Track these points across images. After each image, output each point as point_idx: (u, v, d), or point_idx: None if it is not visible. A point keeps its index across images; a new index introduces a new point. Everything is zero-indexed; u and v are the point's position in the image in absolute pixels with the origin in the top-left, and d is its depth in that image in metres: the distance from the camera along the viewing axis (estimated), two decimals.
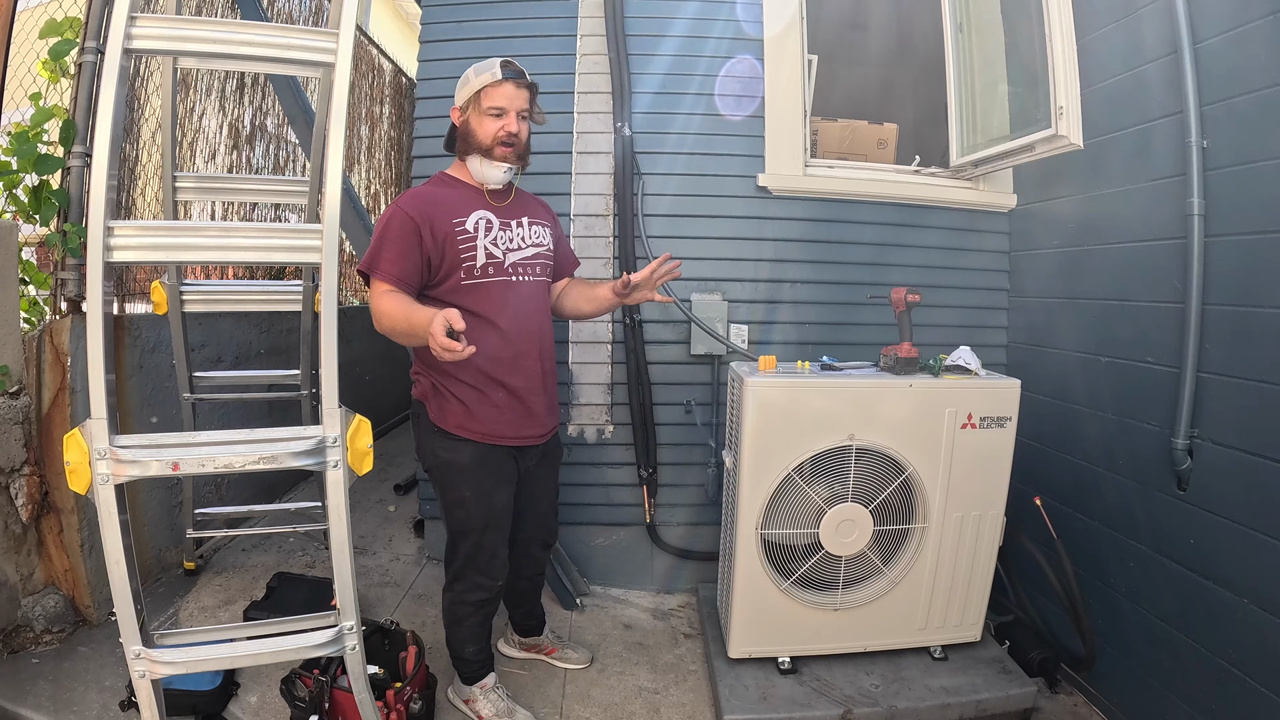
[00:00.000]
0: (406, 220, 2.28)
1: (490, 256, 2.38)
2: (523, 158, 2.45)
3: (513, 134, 2.37)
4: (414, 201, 2.34)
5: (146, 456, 1.85)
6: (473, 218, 2.37)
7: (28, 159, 2.75)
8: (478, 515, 2.46)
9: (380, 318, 2.23)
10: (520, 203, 2.55)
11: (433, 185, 2.48)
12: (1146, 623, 2.69)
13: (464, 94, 2.42)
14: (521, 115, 2.39)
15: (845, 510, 2.75)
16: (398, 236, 2.27)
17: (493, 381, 2.41)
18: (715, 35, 3.55)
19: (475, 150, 2.41)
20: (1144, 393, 2.73)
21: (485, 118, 2.37)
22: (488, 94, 2.36)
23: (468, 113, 2.41)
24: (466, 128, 2.42)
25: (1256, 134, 2.31)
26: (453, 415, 2.42)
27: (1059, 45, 2.78)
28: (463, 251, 2.34)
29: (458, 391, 2.41)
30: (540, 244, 2.53)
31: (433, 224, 2.30)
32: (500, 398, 2.43)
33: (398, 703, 2.47)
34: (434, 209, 2.33)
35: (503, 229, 2.43)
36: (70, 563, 2.92)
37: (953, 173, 3.61)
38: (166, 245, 1.92)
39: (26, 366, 2.80)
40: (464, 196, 2.43)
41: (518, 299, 2.43)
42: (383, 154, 6.53)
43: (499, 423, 2.44)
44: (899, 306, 2.87)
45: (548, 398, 2.56)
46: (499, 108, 2.36)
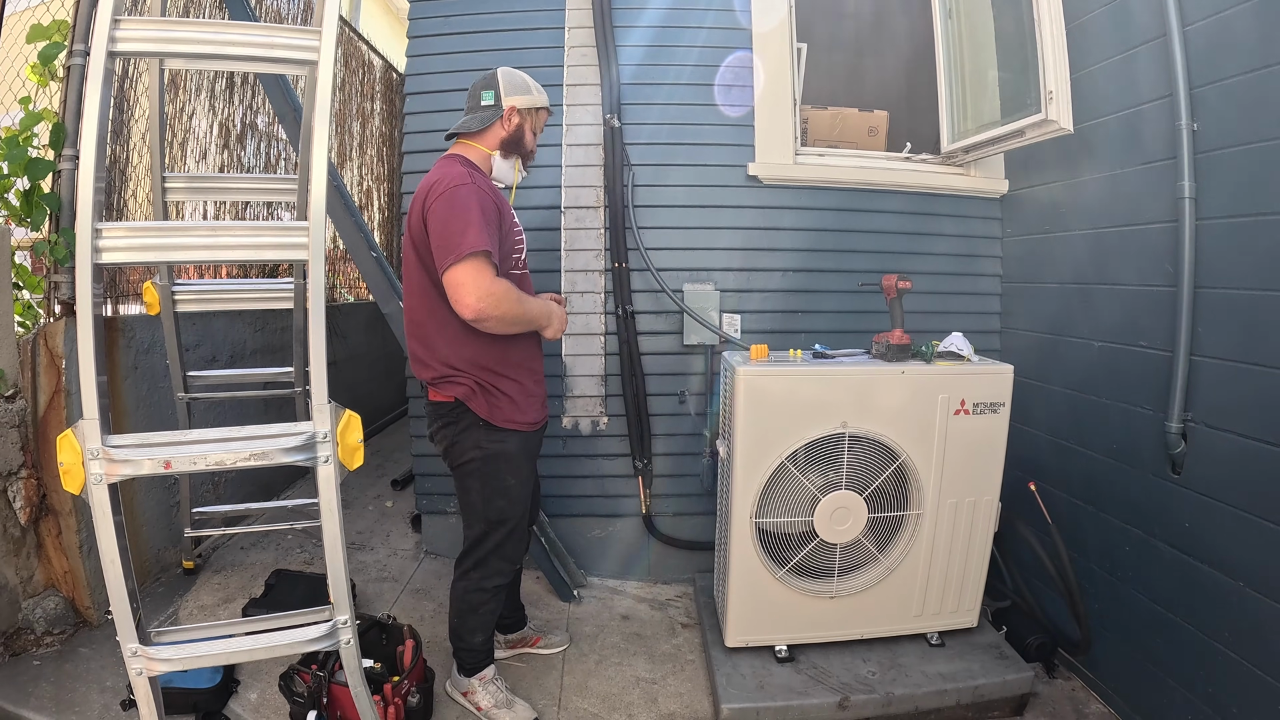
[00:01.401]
0: (490, 203, 2.30)
1: (525, 249, 2.57)
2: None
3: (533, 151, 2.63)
4: (489, 188, 2.37)
5: (139, 455, 1.86)
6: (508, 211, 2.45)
7: (18, 163, 2.74)
8: (519, 501, 2.55)
9: (506, 302, 2.26)
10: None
11: (471, 168, 2.42)
12: (1142, 606, 2.69)
13: (527, 102, 2.52)
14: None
15: (839, 498, 2.76)
16: (486, 217, 2.26)
17: (530, 371, 2.54)
18: (704, 25, 3.54)
19: (518, 153, 2.55)
20: (1137, 377, 2.73)
21: (530, 135, 2.56)
22: (540, 116, 2.60)
23: (525, 120, 2.53)
24: (521, 133, 2.53)
25: (1247, 116, 2.30)
26: (502, 409, 2.45)
27: (1048, 29, 2.78)
28: (516, 243, 2.48)
29: (506, 386, 2.46)
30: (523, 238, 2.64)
31: (502, 211, 2.38)
32: (535, 385, 2.57)
33: (395, 696, 2.48)
34: (497, 196, 2.39)
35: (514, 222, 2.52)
36: (69, 564, 2.93)
37: (944, 159, 3.61)
38: (155, 246, 1.93)
39: (21, 370, 2.81)
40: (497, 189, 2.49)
41: (527, 288, 2.57)
42: (374, 150, 6.52)
43: (537, 409, 2.57)
44: (890, 293, 2.87)
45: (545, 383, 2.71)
46: (539, 131, 2.63)
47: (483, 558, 2.57)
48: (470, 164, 2.44)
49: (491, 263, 2.22)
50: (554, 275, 3.59)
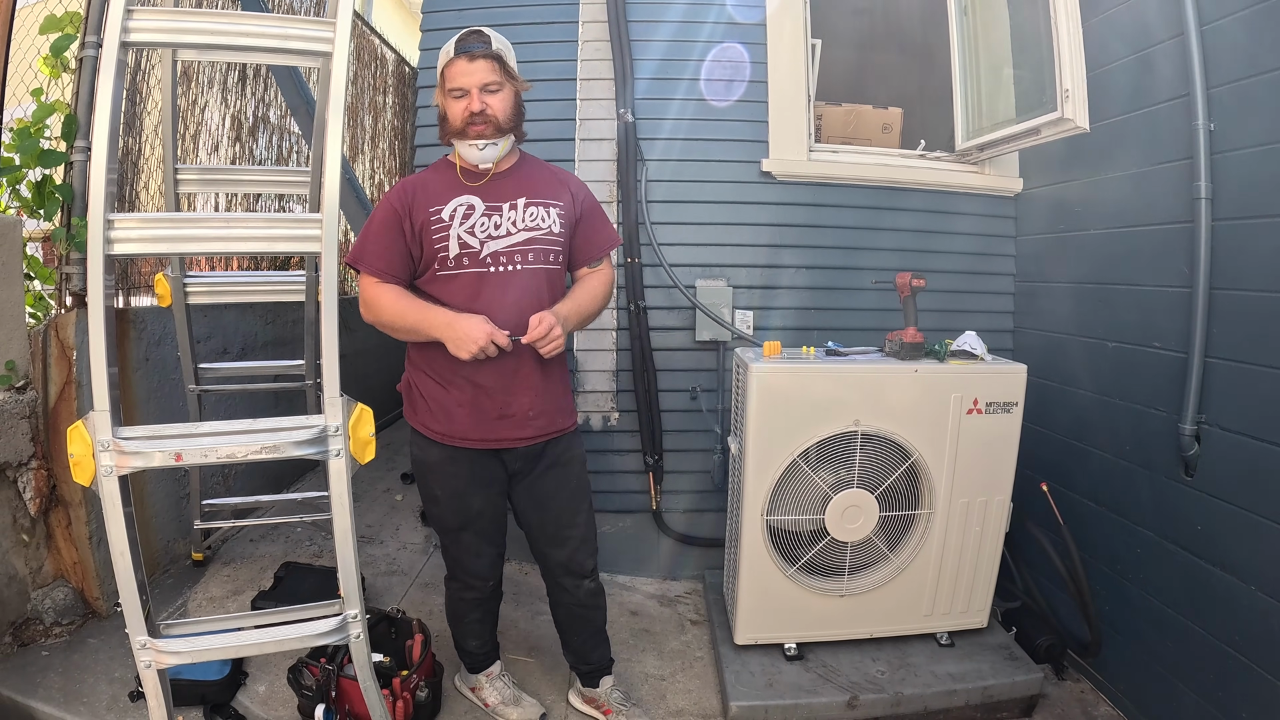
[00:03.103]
0: (389, 211, 2.21)
1: (465, 246, 2.20)
2: (504, 129, 2.22)
3: (476, 113, 2.16)
4: (399, 191, 2.25)
5: (150, 448, 1.86)
6: (451, 205, 2.20)
7: (30, 154, 2.74)
8: (451, 516, 2.40)
9: (379, 309, 2.20)
10: (521, 181, 2.31)
11: (428, 171, 2.34)
12: (1153, 609, 2.68)
13: (438, 76, 2.28)
14: (488, 89, 2.18)
15: (851, 496, 2.74)
16: (380, 228, 2.21)
17: (457, 378, 2.26)
18: (719, 20, 3.52)
19: (451, 135, 2.23)
20: (1151, 378, 2.71)
21: (450, 100, 2.21)
22: (447, 75, 2.21)
23: (440, 97, 2.26)
24: (441, 113, 2.26)
25: (1265, 117, 2.28)
26: (420, 412, 2.35)
27: (1064, 27, 2.75)
28: (437, 242, 2.19)
29: (424, 388, 2.33)
30: (536, 227, 2.27)
31: (412, 213, 2.19)
32: (464, 395, 2.26)
33: (404, 691, 2.48)
34: (416, 198, 2.21)
35: (488, 213, 2.22)
36: (79, 555, 2.93)
37: (958, 157, 3.59)
38: (167, 237, 1.93)
39: (33, 361, 2.81)
40: (452, 181, 2.26)
41: (493, 291, 2.21)
42: (386, 143, 6.52)
43: (464, 423, 2.28)
44: (904, 291, 2.86)
45: (533, 397, 2.31)
46: (458, 88, 2.18)
47: (450, 568, 2.54)
48: (445, 163, 2.33)
49: (368, 274, 2.21)
50: None
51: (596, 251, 2.44)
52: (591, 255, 2.43)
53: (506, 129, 2.22)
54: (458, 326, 2.10)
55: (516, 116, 2.25)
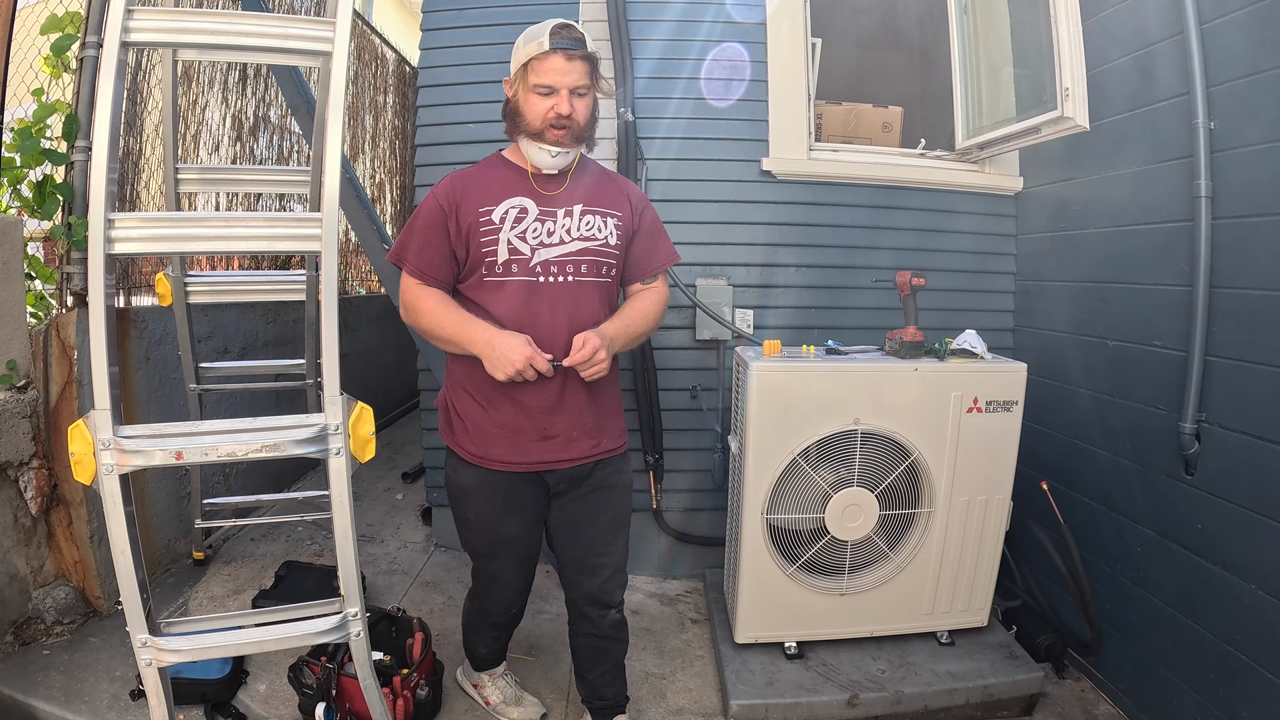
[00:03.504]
0: (435, 208, 2.07)
1: (514, 252, 2.04)
2: (582, 139, 2.08)
3: (564, 116, 2.01)
4: (447, 187, 2.10)
5: (150, 446, 1.87)
6: (503, 206, 2.05)
7: (31, 154, 2.75)
8: (482, 542, 2.30)
9: (417, 313, 2.09)
10: (579, 187, 2.17)
11: (480, 167, 2.19)
12: (1153, 608, 2.68)
13: (513, 65, 2.09)
14: (577, 92, 2.02)
15: (851, 495, 2.75)
16: (424, 225, 2.08)
17: (497, 395, 2.11)
18: (719, 20, 3.52)
19: (523, 131, 2.07)
20: (1151, 376, 2.71)
21: (533, 95, 2.02)
22: (535, 68, 2.01)
23: (516, 87, 2.08)
24: (515, 105, 2.08)
25: (1265, 115, 2.28)
26: (457, 432, 2.21)
27: (1064, 26, 2.75)
28: (484, 245, 2.04)
29: (462, 406, 2.19)
30: (592, 238, 2.12)
31: (460, 212, 2.05)
32: (505, 415, 2.12)
33: (404, 689, 2.49)
34: (466, 195, 2.07)
35: (541, 219, 2.08)
36: (80, 554, 2.94)
37: (958, 156, 3.59)
38: (168, 236, 1.93)
39: (34, 360, 2.82)
40: (506, 181, 2.12)
41: (541, 302, 2.07)
42: (387, 143, 6.53)
43: (502, 446, 2.14)
44: (904, 290, 2.86)
45: (578, 418, 2.17)
46: (547, 85, 2.00)
47: (476, 589, 2.48)
48: (499, 159, 2.19)
49: (411, 272, 2.09)
50: None
51: (652, 267, 2.30)
52: (646, 271, 2.29)
53: (583, 138, 2.09)
54: (497, 345, 1.96)
55: (593, 125, 2.12)
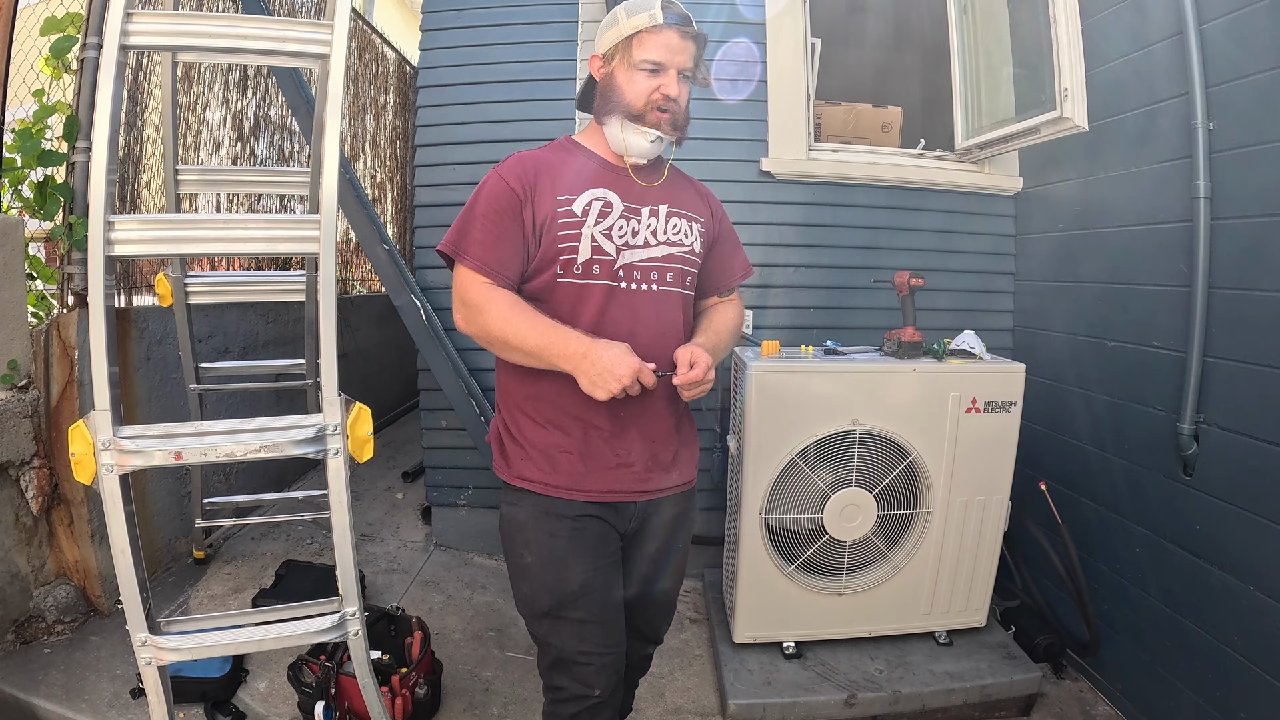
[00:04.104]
0: (504, 191, 1.75)
1: (598, 251, 1.77)
2: (679, 128, 1.84)
3: (670, 98, 1.78)
4: (518, 167, 1.79)
5: (150, 447, 1.87)
6: (585, 197, 1.78)
7: (31, 155, 2.76)
8: (544, 593, 1.82)
9: (486, 320, 1.72)
10: (665, 186, 1.93)
11: (551, 149, 1.90)
12: (1152, 608, 2.68)
13: (608, 39, 1.83)
14: (684, 74, 1.81)
15: (849, 495, 2.75)
16: (492, 212, 1.75)
17: (565, 417, 1.81)
18: (719, 19, 3.53)
19: (619, 111, 1.80)
20: (1149, 377, 2.71)
21: (637, 73, 1.78)
22: (642, 42, 1.77)
23: (613, 64, 1.82)
24: (610, 82, 1.83)
25: (1263, 116, 2.28)
26: (515, 461, 1.85)
27: (1063, 27, 2.76)
28: (562, 240, 1.75)
29: (523, 432, 1.84)
30: (679, 243, 1.88)
31: (536, 199, 1.76)
32: (573, 440, 1.81)
33: (403, 688, 2.49)
34: (541, 179, 1.78)
35: (626, 216, 1.81)
36: (81, 553, 2.95)
37: (958, 156, 3.59)
38: (167, 238, 1.94)
39: (35, 360, 2.82)
40: (585, 168, 1.85)
41: (621, 311, 1.80)
42: (387, 143, 6.54)
43: (570, 470, 1.81)
44: (902, 290, 2.87)
45: (659, 444, 1.89)
46: (655, 62, 1.77)
47: (544, 670, 1.91)
48: (570, 143, 1.92)
49: (474, 270, 1.73)
50: None
51: (730, 280, 2.09)
52: (724, 284, 2.08)
53: (680, 126, 1.85)
54: (598, 358, 1.64)
55: (688, 113, 1.88)
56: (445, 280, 3.56)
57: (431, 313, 3.51)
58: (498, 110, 3.60)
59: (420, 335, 3.47)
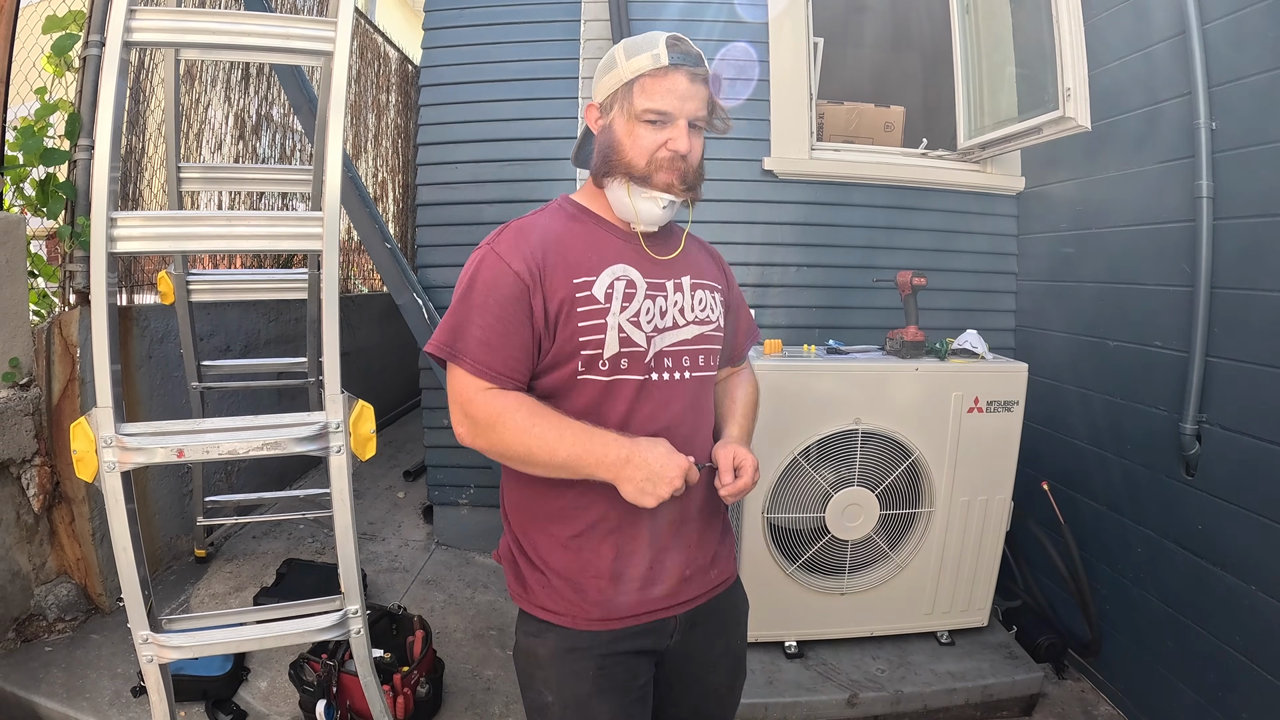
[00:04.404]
0: (506, 275, 1.43)
1: (627, 343, 1.47)
2: (693, 187, 1.54)
3: (680, 154, 1.48)
4: (519, 242, 1.47)
5: (152, 444, 1.87)
6: (605, 277, 1.48)
7: (33, 153, 2.76)
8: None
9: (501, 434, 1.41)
10: (686, 254, 1.66)
11: (552, 215, 1.58)
12: (1153, 608, 2.68)
13: (606, 85, 1.53)
14: (695, 125, 1.50)
15: (851, 494, 2.75)
16: (493, 302, 1.43)
17: (599, 535, 1.51)
18: (720, 18, 3.53)
19: (621, 172, 1.50)
20: (1152, 377, 2.71)
21: (639, 125, 1.48)
22: (645, 88, 1.47)
23: (612, 114, 1.52)
24: (610, 137, 1.51)
25: (1266, 115, 2.28)
26: (535, 589, 1.55)
27: (1066, 26, 2.75)
28: (584, 332, 1.44)
29: (545, 555, 1.54)
30: (707, 319, 1.61)
31: (546, 283, 1.44)
32: (606, 560, 1.51)
33: (405, 686, 2.49)
34: (550, 257, 1.47)
35: (652, 295, 1.52)
36: (82, 552, 2.94)
37: (960, 155, 3.58)
38: (170, 235, 1.94)
39: (36, 358, 2.82)
40: (598, 240, 1.54)
41: (656, 406, 1.52)
42: (389, 142, 6.54)
43: (602, 598, 1.51)
44: (905, 289, 2.86)
45: (693, 552, 1.60)
46: (661, 112, 1.46)
47: None
48: (573, 207, 1.60)
49: (477, 373, 1.42)
50: None
51: (746, 347, 1.87)
52: (740, 352, 1.86)
53: (694, 185, 1.55)
54: (643, 461, 1.36)
55: (702, 169, 1.58)
56: (447, 279, 3.57)
57: (434, 311, 3.51)
58: (500, 109, 3.59)
59: (422, 334, 3.47)
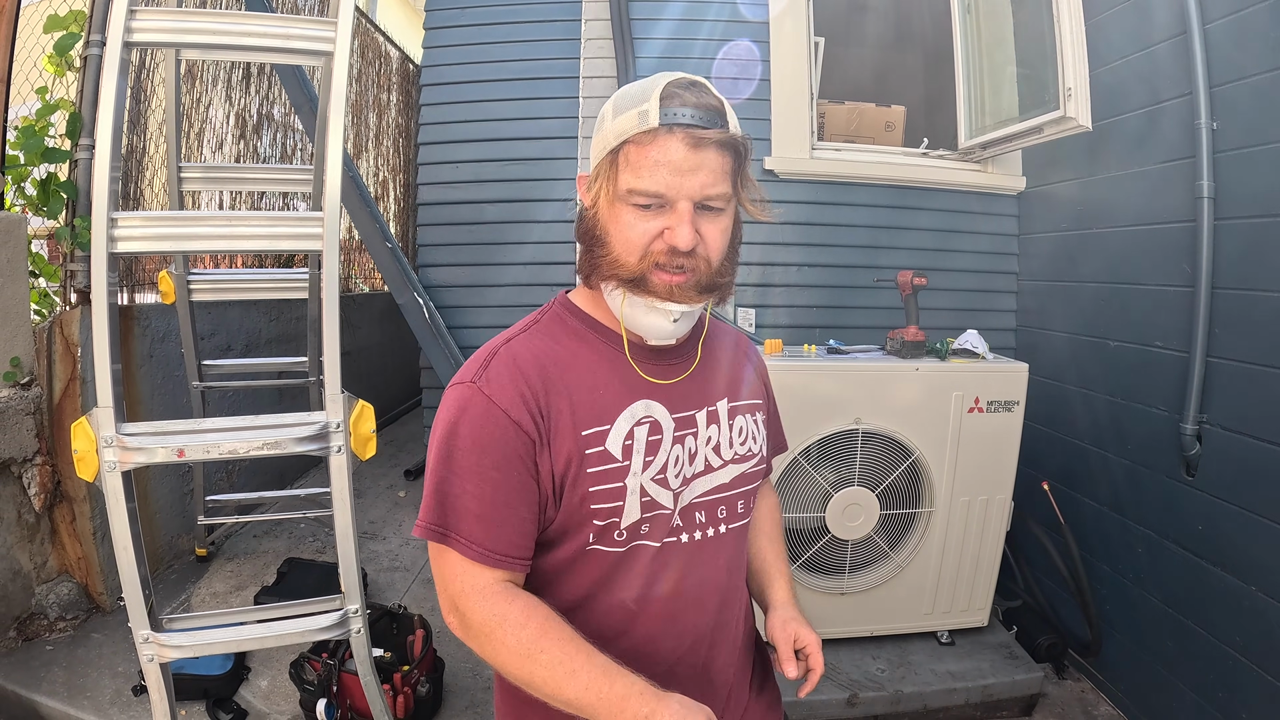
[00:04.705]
0: (500, 426, 1.09)
1: (651, 507, 1.15)
2: (715, 288, 1.13)
3: (683, 252, 1.07)
4: (514, 379, 1.11)
5: (153, 444, 1.88)
6: (623, 423, 1.14)
7: (34, 152, 2.76)
8: None
9: (497, 645, 1.07)
10: (716, 366, 1.29)
11: (547, 332, 1.21)
12: (1153, 609, 2.68)
13: (595, 152, 1.15)
14: (709, 205, 1.08)
15: (851, 494, 2.75)
16: (488, 462, 1.09)
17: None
18: (721, 18, 3.53)
19: (605, 273, 1.13)
20: (1152, 377, 2.71)
21: (625, 210, 1.09)
22: (630, 159, 1.07)
23: (597, 189, 1.13)
24: (591, 224, 1.15)
25: (1268, 116, 2.28)
26: None
27: (1067, 26, 2.75)
28: (598, 498, 1.12)
29: None
30: (748, 454, 1.28)
31: (552, 436, 1.11)
32: None
33: (405, 686, 2.49)
34: (555, 399, 1.12)
35: (680, 437, 1.19)
36: (83, 551, 2.95)
37: (961, 155, 3.58)
38: (171, 235, 1.94)
39: (37, 358, 2.83)
40: (609, 368, 1.18)
41: (682, 573, 1.20)
42: (390, 141, 6.54)
43: None
44: (905, 289, 2.86)
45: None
46: (654, 195, 1.06)
47: None
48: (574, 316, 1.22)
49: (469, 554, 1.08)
50: (569, 267, 3.58)
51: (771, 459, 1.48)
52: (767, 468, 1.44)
53: (714, 286, 1.13)
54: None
55: (733, 263, 1.17)
56: (448, 278, 3.57)
57: (434, 310, 3.51)
58: (501, 109, 3.59)
59: (422, 333, 3.47)
